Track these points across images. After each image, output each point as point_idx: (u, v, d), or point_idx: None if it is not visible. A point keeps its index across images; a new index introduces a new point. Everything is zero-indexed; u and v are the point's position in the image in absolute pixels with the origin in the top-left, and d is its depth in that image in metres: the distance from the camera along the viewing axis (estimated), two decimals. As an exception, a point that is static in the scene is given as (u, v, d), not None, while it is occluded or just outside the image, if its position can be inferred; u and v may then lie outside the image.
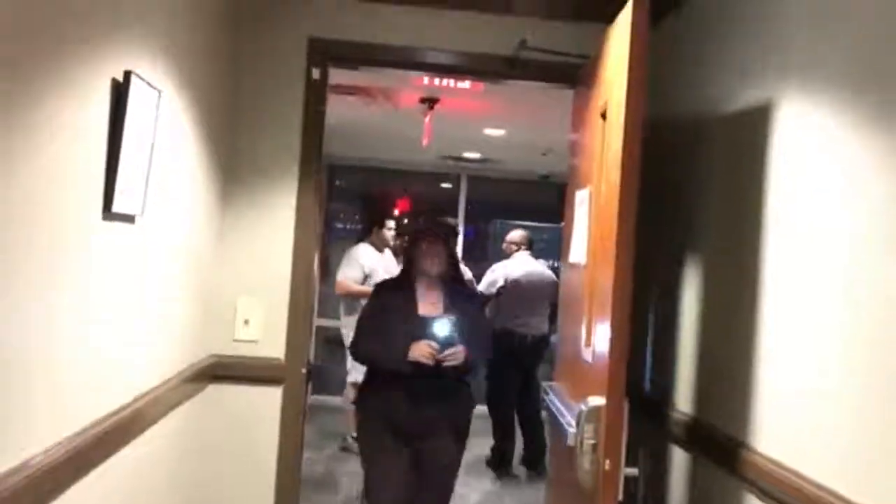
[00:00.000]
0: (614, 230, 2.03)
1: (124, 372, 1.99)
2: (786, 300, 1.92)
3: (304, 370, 2.97)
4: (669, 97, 2.71)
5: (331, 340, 6.90)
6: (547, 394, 2.74)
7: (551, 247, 10.08)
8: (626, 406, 2.02)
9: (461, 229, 5.76)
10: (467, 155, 7.29)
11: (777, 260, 1.98)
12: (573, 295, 2.63)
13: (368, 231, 5.82)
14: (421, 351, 2.78)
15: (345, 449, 5.51)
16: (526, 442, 5.51)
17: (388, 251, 5.82)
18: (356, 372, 5.37)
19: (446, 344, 2.81)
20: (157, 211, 2.08)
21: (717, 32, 2.45)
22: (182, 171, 2.37)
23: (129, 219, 1.89)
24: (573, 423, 2.19)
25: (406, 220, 7.80)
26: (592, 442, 2.07)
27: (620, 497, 2.01)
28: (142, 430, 2.12)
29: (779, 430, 1.92)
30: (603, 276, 2.15)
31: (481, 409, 5.10)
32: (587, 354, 2.30)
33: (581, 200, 2.54)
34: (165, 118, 2.04)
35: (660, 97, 2.68)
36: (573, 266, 2.63)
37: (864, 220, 1.62)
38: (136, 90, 1.76)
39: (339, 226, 10.21)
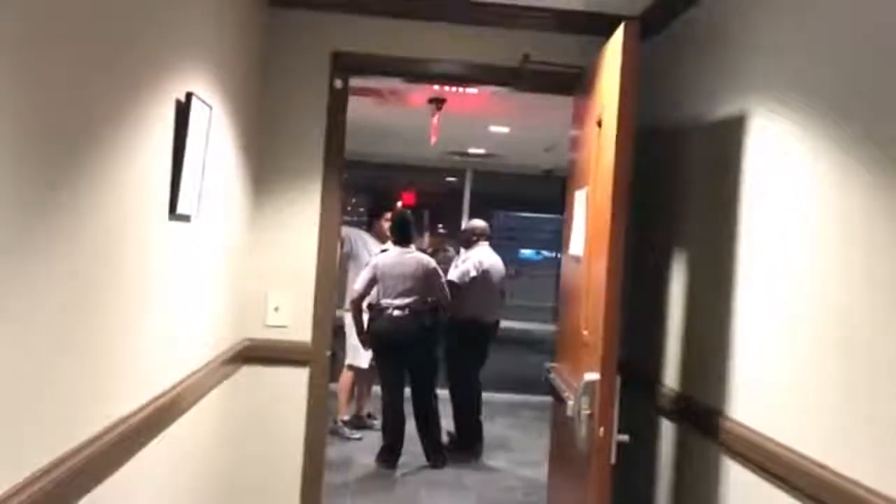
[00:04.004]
0: (608, 228, 2.32)
1: (178, 354, 2.29)
2: (757, 286, 2.22)
3: (328, 353, 3.27)
4: (657, 108, 3.00)
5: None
6: (549, 373, 3.05)
7: (557, 237, 10.40)
8: (617, 380, 2.32)
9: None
10: (472, 150, 7.58)
11: (749, 251, 2.27)
12: (573, 284, 2.93)
13: (370, 224, 6.10)
14: None
15: (333, 432, 5.59)
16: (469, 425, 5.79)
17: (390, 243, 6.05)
18: (353, 354, 5.71)
19: None
20: (205, 212, 2.38)
21: (697, 50, 2.74)
22: (223, 176, 2.66)
23: (186, 218, 2.18)
24: (572, 396, 2.49)
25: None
26: (588, 412, 2.37)
27: (613, 460, 2.31)
28: (189, 406, 2.40)
29: (749, 400, 2.21)
30: (598, 269, 2.44)
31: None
32: (585, 336, 2.59)
33: (579, 199, 2.83)
34: (214, 130, 2.33)
35: (649, 107, 2.97)
36: (573, 258, 2.92)
37: (817, 212, 1.92)
38: (196, 108, 2.06)
39: (346, 218, 10.55)
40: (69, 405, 1.55)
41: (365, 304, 5.32)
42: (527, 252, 18.98)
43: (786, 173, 2.09)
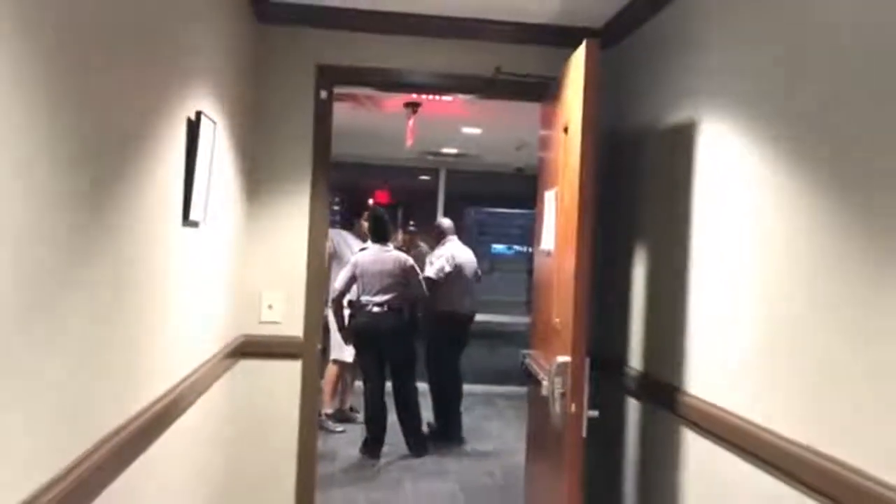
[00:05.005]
0: (576, 226, 2.58)
1: (188, 349, 2.50)
2: (706, 277, 2.50)
3: (318, 346, 3.51)
4: (623, 110, 3.28)
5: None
6: (525, 358, 3.31)
7: (528, 232, 10.64)
8: (587, 361, 2.58)
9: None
10: (446, 150, 7.82)
11: (699, 244, 2.55)
12: (544, 276, 3.19)
13: (350, 223, 6.33)
14: None
15: (318, 426, 5.84)
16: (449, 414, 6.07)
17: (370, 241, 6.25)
18: (338, 350, 5.93)
19: None
20: (210, 217, 2.59)
21: (655, 59, 3.01)
22: (225, 184, 2.88)
23: (196, 225, 2.40)
24: (546, 378, 2.75)
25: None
26: (561, 391, 2.64)
27: (584, 434, 2.57)
28: (197, 397, 2.60)
29: (702, 376, 2.50)
30: (567, 262, 2.70)
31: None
32: (556, 324, 2.86)
33: (549, 199, 3.09)
34: (218, 143, 2.55)
35: (615, 110, 3.25)
36: (544, 252, 3.18)
37: (755, 207, 2.19)
38: (204, 125, 2.28)
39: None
40: (107, 393, 1.77)
41: (346, 301, 5.55)
42: (499, 247, 19.24)
43: (729, 172, 2.37)
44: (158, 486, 2.22)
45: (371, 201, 10.14)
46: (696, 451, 2.51)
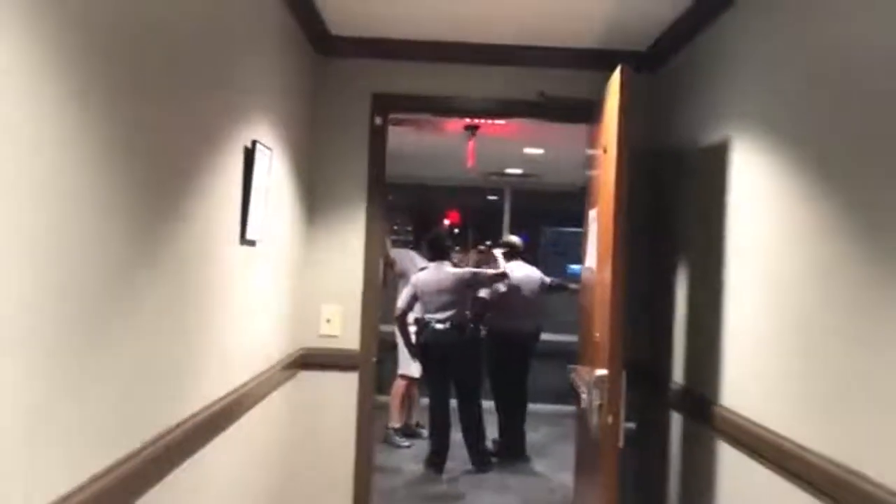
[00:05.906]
0: (612, 242, 2.68)
1: (246, 357, 2.70)
2: (740, 294, 2.55)
3: (374, 359, 3.68)
4: (664, 130, 3.35)
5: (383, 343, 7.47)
6: (571, 372, 3.40)
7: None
8: (623, 374, 2.66)
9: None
10: (510, 171, 7.96)
11: (733, 267, 2.61)
12: (588, 293, 3.28)
13: (419, 242, 6.51)
14: None
15: (385, 439, 6.03)
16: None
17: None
18: (405, 365, 6.10)
19: None
20: (268, 236, 2.81)
21: (695, 80, 3.09)
22: (282, 205, 3.10)
23: (253, 243, 2.61)
24: (587, 391, 2.84)
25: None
26: (599, 403, 2.72)
27: (621, 444, 2.65)
28: (253, 404, 2.79)
29: (736, 390, 2.54)
30: (605, 278, 2.79)
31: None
32: (597, 338, 2.94)
33: (592, 217, 3.19)
34: (274, 168, 2.77)
35: (656, 130, 3.33)
36: (588, 269, 3.27)
37: (788, 235, 2.25)
38: (259, 152, 2.49)
39: (394, 238, 11.04)
40: (168, 389, 1.97)
41: (413, 318, 5.72)
42: (576, 267, 19.16)
43: (763, 192, 2.43)
44: (213, 487, 2.41)
45: (447, 221, 10.36)
46: (732, 464, 2.55)
